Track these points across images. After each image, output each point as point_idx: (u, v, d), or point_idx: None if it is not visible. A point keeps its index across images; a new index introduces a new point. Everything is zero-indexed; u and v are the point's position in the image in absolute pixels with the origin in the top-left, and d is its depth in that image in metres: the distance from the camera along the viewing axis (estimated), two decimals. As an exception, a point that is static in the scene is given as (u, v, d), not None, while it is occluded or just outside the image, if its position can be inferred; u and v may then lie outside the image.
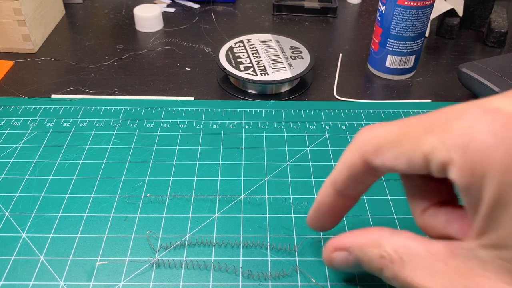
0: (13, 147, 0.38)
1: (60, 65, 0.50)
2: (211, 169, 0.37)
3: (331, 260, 0.26)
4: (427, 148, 0.19)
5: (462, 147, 0.17)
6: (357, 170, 0.23)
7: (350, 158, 0.23)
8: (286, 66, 0.46)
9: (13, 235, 0.31)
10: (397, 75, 0.49)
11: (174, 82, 0.48)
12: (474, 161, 0.17)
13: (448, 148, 0.18)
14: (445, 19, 0.56)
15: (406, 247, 0.21)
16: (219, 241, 0.31)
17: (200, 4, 0.65)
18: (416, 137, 0.19)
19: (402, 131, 0.21)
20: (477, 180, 0.17)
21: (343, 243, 0.25)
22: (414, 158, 0.19)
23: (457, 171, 0.18)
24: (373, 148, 0.21)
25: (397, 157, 0.20)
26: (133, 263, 0.29)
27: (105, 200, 0.34)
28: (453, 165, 0.18)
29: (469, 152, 0.17)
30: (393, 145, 0.20)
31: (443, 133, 0.18)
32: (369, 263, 0.23)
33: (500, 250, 0.18)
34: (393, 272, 0.22)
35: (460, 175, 0.18)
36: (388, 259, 0.22)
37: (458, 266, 0.19)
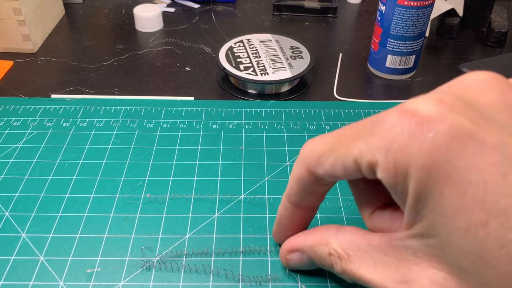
0: (13, 147, 0.38)
1: (60, 65, 0.50)
2: (211, 169, 0.37)
3: (287, 262, 0.28)
4: (356, 152, 0.20)
5: (384, 149, 0.19)
6: (305, 181, 0.24)
7: (297, 171, 0.24)
8: (286, 66, 0.46)
9: (13, 235, 0.31)
10: (397, 75, 0.49)
11: (174, 82, 0.48)
12: (395, 161, 0.19)
13: (372, 150, 0.19)
14: (445, 19, 0.56)
15: (350, 242, 0.23)
16: (219, 242, 0.31)
17: (200, 4, 0.65)
18: (347, 144, 0.21)
19: (336, 139, 0.22)
20: (400, 178, 0.19)
21: (296, 245, 0.27)
22: (347, 163, 0.21)
23: (382, 171, 0.19)
24: (314, 159, 0.23)
25: (334, 164, 0.22)
26: (133, 263, 0.29)
27: (105, 200, 0.34)
28: (378, 166, 0.19)
29: (390, 152, 0.19)
30: (330, 154, 0.22)
31: (368, 137, 0.20)
32: (320, 260, 0.25)
33: (426, 238, 0.19)
34: (341, 267, 0.23)
35: (385, 174, 0.19)
36: (335, 255, 0.24)
37: (396, 256, 0.21)
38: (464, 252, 0.18)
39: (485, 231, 0.17)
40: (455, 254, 0.18)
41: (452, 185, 0.18)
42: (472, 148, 0.17)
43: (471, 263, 0.18)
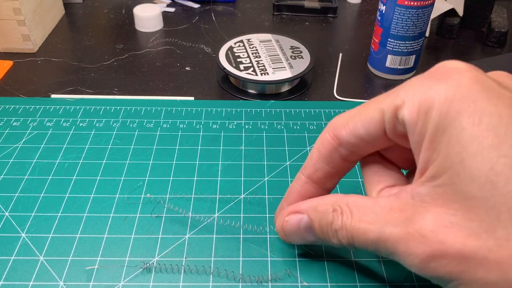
0: (12, 147, 0.38)
1: (59, 65, 0.50)
2: (211, 169, 0.37)
3: (284, 225, 0.27)
4: (383, 105, 0.22)
5: (412, 91, 0.21)
6: (326, 147, 0.25)
7: (321, 137, 0.25)
8: (286, 66, 0.46)
9: (12, 235, 0.31)
10: (397, 75, 0.49)
11: (174, 82, 0.48)
12: (420, 99, 0.21)
13: (399, 95, 0.22)
14: (445, 19, 0.56)
15: (356, 201, 0.24)
16: (219, 242, 0.31)
17: (200, 4, 0.65)
18: (377, 101, 0.23)
19: (366, 103, 0.24)
20: (422, 114, 0.20)
21: (297, 206, 0.26)
22: (372, 115, 0.23)
23: (406, 109, 0.21)
24: (341, 122, 0.24)
25: (359, 120, 0.23)
26: (133, 263, 0.29)
27: (105, 200, 0.34)
28: (403, 107, 0.21)
29: (417, 92, 0.21)
30: (357, 115, 0.24)
31: (397, 91, 0.22)
32: (320, 220, 0.25)
33: (437, 178, 0.20)
34: (341, 222, 0.23)
35: (409, 112, 0.21)
36: (339, 211, 0.24)
37: (402, 207, 0.22)
38: (474, 178, 0.19)
39: (496, 153, 0.18)
40: (465, 182, 0.19)
41: (469, 115, 0.19)
42: (491, 92, 0.20)
43: (480, 187, 0.19)
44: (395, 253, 0.21)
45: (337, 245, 0.24)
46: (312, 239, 0.26)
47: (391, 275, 0.29)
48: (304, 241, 0.27)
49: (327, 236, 0.25)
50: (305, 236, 0.26)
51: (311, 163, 0.26)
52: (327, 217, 0.24)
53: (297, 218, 0.26)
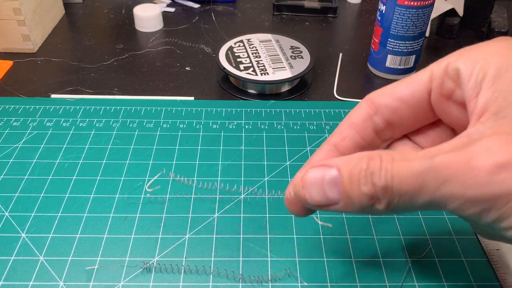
0: (12, 147, 0.38)
1: (59, 65, 0.50)
2: (211, 169, 0.37)
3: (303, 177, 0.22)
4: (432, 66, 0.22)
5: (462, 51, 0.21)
6: (359, 115, 0.24)
7: (356, 107, 0.24)
8: (286, 66, 0.46)
9: (12, 235, 0.31)
10: (397, 75, 0.49)
11: (174, 82, 0.48)
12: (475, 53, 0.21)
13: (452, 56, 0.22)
14: (445, 19, 0.56)
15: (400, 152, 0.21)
16: (219, 242, 0.31)
17: (200, 4, 0.64)
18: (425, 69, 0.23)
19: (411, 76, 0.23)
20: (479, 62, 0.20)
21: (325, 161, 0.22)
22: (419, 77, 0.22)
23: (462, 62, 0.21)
24: (382, 92, 0.24)
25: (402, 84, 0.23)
26: (133, 263, 0.29)
27: (105, 200, 0.34)
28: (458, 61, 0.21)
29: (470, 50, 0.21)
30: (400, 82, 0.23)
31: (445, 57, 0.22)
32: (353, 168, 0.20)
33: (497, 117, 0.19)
34: (379, 164, 0.20)
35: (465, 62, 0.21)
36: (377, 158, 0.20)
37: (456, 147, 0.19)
38: None
39: None
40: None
41: None
42: None
43: None
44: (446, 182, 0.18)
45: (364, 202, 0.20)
46: (334, 197, 0.21)
47: (391, 275, 0.29)
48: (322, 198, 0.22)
49: (356, 186, 0.20)
50: (326, 191, 0.21)
51: (339, 130, 0.24)
52: (362, 164, 0.20)
53: (322, 170, 0.21)
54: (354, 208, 0.21)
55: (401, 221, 0.32)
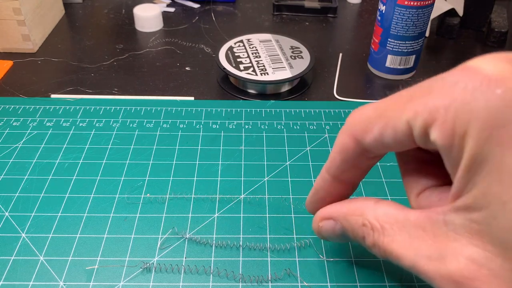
0: (12, 147, 0.38)
1: (59, 65, 0.50)
2: (211, 169, 0.37)
3: (319, 229, 0.26)
4: (410, 114, 0.19)
5: (443, 107, 0.17)
6: (349, 152, 0.23)
7: (341, 140, 0.23)
8: (286, 66, 0.46)
9: (12, 235, 0.31)
10: (397, 75, 0.49)
11: (174, 82, 0.48)
12: (455, 118, 0.17)
13: (430, 110, 0.18)
14: (445, 19, 0.56)
15: (387, 215, 0.22)
16: (219, 241, 0.31)
17: (200, 3, 0.64)
18: (400, 106, 0.20)
19: (388, 103, 0.21)
20: (457, 139, 0.17)
21: (330, 212, 0.25)
22: (398, 126, 0.20)
23: (438, 132, 0.18)
24: (362, 127, 0.21)
25: (383, 129, 0.20)
26: (133, 263, 0.29)
27: (105, 200, 0.34)
28: (434, 126, 0.18)
29: (450, 111, 0.17)
30: (380, 119, 0.21)
31: (425, 97, 0.18)
32: (353, 231, 0.23)
33: (471, 212, 0.18)
34: (373, 239, 0.22)
35: (441, 135, 0.18)
36: (369, 227, 0.22)
37: (434, 231, 0.19)
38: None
39: None
40: (505, 229, 0.17)
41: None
42: None
43: None
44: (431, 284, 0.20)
45: None
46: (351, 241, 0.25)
47: (391, 275, 0.29)
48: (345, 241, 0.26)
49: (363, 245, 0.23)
50: (342, 239, 0.26)
51: (335, 165, 0.24)
52: (358, 231, 0.23)
53: (331, 224, 0.25)
54: None
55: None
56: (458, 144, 0.17)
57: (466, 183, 0.18)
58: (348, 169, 0.24)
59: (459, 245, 0.18)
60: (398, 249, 0.21)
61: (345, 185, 0.25)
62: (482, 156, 0.17)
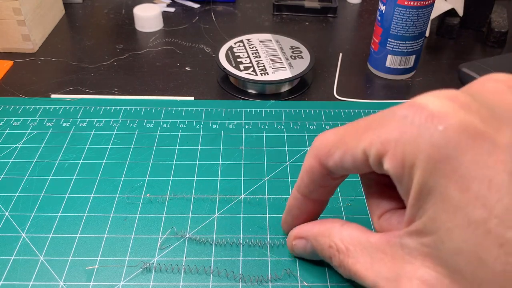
0: (12, 147, 0.38)
1: (59, 65, 0.50)
2: (211, 169, 0.37)
3: (292, 247, 0.28)
4: (366, 143, 0.21)
5: (393, 140, 0.19)
6: (315, 173, 0.24)
7: (308, 162, 0.25)
8: (286, 66, 0.46)
9: (12, 235, 0.31)
10: (397, 75, 0.49)
11: (174, 82, 0.48)
12: (404, 152, 0.19)
13: (382, 141, 0.20)
14: (445, 19, 0.56)
15: (351, 237, 0.23)
16: (219, 241, 0.31)
17: (200, 4, 0.65)
18: (358, 135, 0.21)
19: (348, 131, 0.22)
20: (407, 170, 0.19)
21: (301, 232, 0.27)
22: (356, 154, 0.21)
23: (389, 162, 0.19)
24: (325, 151, 0.23)
25: (343, 155, 0.22)
26: (133, 263, 0.29)
27: (105, 200, 0.34)
28: (386, 157, 0.20)
29: (399, 144, 0.19)
30: (340, 145, 0.22)
31: (378, 129, 0.20)
32: (321, 251, 0.25)
33: (422, 237, 0.19)
34: (339, 260, 0.24)
35: (393, 166, 0.19)
36: (335, 248, 0.24)
37: (392, 254, 0.21)
38: (461, 251, 0.18)
39: (484, 229, 0.17)
40: (451, 253, 0.18)
41: (457, 180, 0.17)
42: (480, 145, 0.17)
43: (467, 262, 0.18)
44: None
45: None
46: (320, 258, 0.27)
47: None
48: (317, 259, 0.28)
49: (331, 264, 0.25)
50: (313, 257, 0.28)
51: (304, 185, 0.26)
52: (326, 251, 0.25)
53: (302, 243, 0.27)
54: None
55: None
56: (407, 173, 0.19)
57: (417, 209, 0.19)
58: (316, 189, 0.26)
59: (413, 267, 0.20)
60: (361, 270, 0.22)
61: (315, 203, 0.27)
62: (429, 186, 0.18)
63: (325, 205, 0.28)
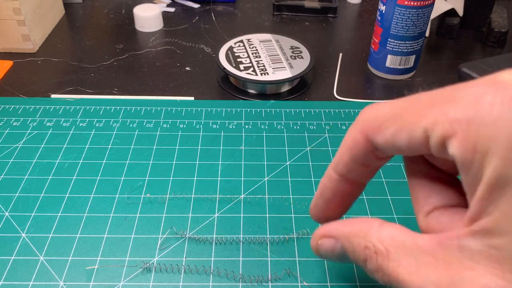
0: (12, 147, 0.38)
1: (59, 65, 0.50)
2: (211, 169, 0.37)
3: (317, 247, 0.25)
4: (429, 121, 0.18)
5: (466, 120, 0.16)
6: (359, 150, 0.21)
7: (352, 137, 0.22)
8: (286, 66, 0.46)
9: (13, 235, 0.31)
10: (397, 75, 0.49)
11: (174, 82, 0.48)
12: (478, 135, 0.16)
13: (451, 120, 0.17)
14: (445, 19, 0.56)
15: (392, 238, 0.20)
16: (219, 241, 0.31)
17: (200, 3, 0.64)
18: (419, 111, 0.18)
19: (406, 105, 0.19)
20: (479, 156, 0.16)
21: (330, 230, 0.24)
22: (414, 132, 0.18)
23: (458, 145, 0.17)
24: (375, 125, 0.20)
25: (398, 132, 0.19)
26: (133, 263, 0.29)
27: (105, 200, 0.34)
28: (454, 139, 0.17)
29: (473, 125, 0.16)
30: (395, 120, 0.19)
31: (447, 106, 0.17)
32: (353, 253, 0.22)
33: (491, 237, 0.16)
34: (376, 263, 0.20)
35: (461, 150, 0.16)
36: (372, 250, 0.21)
37: (445, 258, 0.18)
38: None
39: None
40: None
41: None
42: None
43: None
44: None
45: None
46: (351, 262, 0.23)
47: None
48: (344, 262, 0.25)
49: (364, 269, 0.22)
50: (341, 260, 0.24)
51: (343, 162, 0.23)
52: (360, 253, 0.21)
53: (330, 243, 0.24)
54: None
55: (401, 221, 0.32)
56: (479, 161, 0.16)
57: (487, 204, 0.16)
58: (357, 168, 0.23)
59: (474, 274, 0.17)
60: (404, 274, 0.19)
61: (352, 185, 0.24)
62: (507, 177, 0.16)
63: (362, 189, 0.24)
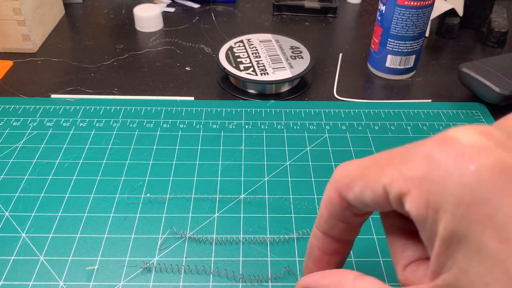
0: (12, 147, 0.38)
1: (59, 65, 0.50)
2: (211, 169, 0.37)
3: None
4: (387, 179, 0.19)
5: (418, 178, 0.17)
6: (335, 206, 0.22)
7: (327, 195, 0.23)
8: (286, 66, 0.46)
9: (13, 235, 0.31)
10: (397, 75, 0.49)
11: (174, 82, 0.48)
12: (429, 192, 0.17)
13: (405, 178, 0.18)
14: (445, 19, 0.56)
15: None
16: (219, 241, 0.31)
17: (200, 4, 0.65)
18: (380, 169, 0.19)
19: (370, 163, 0.21)
20: (432, 212, 0.17)
21: (310, 282, 0.24)
22: (376, 189, 0.19)
23: (412, 202, 0.17)
24: (345, 182, 0.21)
25: (363, 189, 0.20)
26: (133, 263, 0.29)
27: (105, 200, 0.34)
28: (408, 196, 0.18)
29: (425, 182, 0.17)
30: (361, 178, 0.20)
31: (402, 164, 0.18)
32: None
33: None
34: None
35: (416, 206, 0.17)
36: None
37: None
38: None
39: None
40: None
41: (494, 228, 0.15)
42: None
43: None
44: None
45: None
46: None
47: (392, 275, 0.29)
48: None
49: None
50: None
51: (324, 220, 0.24)
52: None
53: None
54: None
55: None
56: (432, 217, 0.17)
57: (446, 259, 0.17)
58: (337, 224, 0.23)
59: None
60: None
61: (337, 243, 0.25)
62: (460, 233, 0.16)
63: (350, 247, 0.25)
